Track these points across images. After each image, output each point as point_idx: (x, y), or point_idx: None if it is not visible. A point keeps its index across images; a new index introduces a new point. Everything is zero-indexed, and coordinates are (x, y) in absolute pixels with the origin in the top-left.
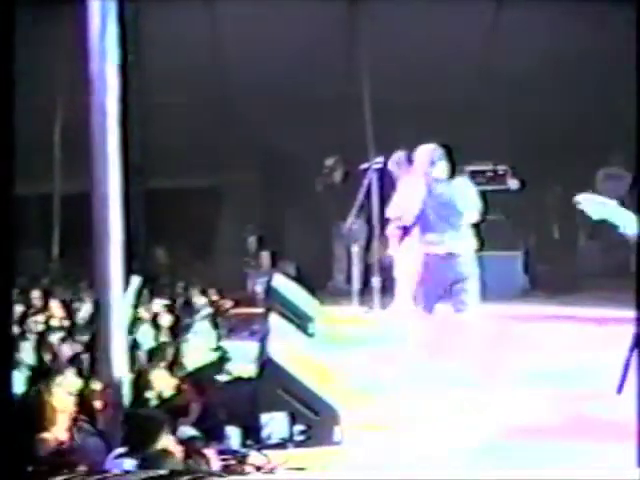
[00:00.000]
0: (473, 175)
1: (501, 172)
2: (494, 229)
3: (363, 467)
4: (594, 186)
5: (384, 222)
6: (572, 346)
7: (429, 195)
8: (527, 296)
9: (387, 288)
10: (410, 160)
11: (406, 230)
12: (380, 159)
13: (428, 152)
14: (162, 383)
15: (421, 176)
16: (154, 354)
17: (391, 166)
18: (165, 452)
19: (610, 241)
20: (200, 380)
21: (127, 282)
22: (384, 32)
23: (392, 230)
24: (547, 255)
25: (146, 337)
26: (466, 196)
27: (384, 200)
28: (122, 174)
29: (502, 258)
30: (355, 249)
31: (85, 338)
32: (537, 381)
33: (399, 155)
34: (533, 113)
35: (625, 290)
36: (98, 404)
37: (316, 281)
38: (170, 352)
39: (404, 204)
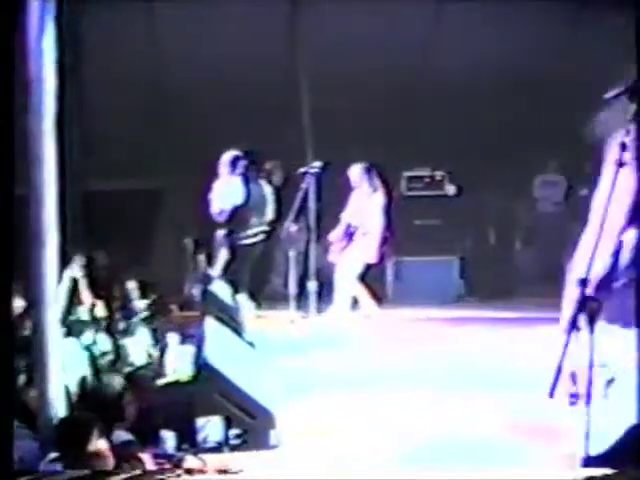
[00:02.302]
0: (411, 180)
1: (438, 178)
2: (431, 234)
3: (299, 470)
4: (531, 192)
5: (322, 227)
6: (506, 350)
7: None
8: (462, 301)
9: (324, 293)
10: (369, 171)
11: (350, 237)
12: (318, 163)
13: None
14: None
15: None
16: (94, 356)
17: (352, 175)
18: (96, 455)
19: (545, 247)
20: (136, 383)
21: (62, 284)
22: (324, 35)
23: (336, 235)
24: (483, 260)
25: (85, 339)
26: None
27: (322, 205)
28: (59, 176)
29: (438, 263)
30: (293, 253)
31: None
32: (471, 385)
33: (360, 166)
34: (471, 118)
35: (559, 295)
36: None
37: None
38: (109, 354)
39: (359, 213)
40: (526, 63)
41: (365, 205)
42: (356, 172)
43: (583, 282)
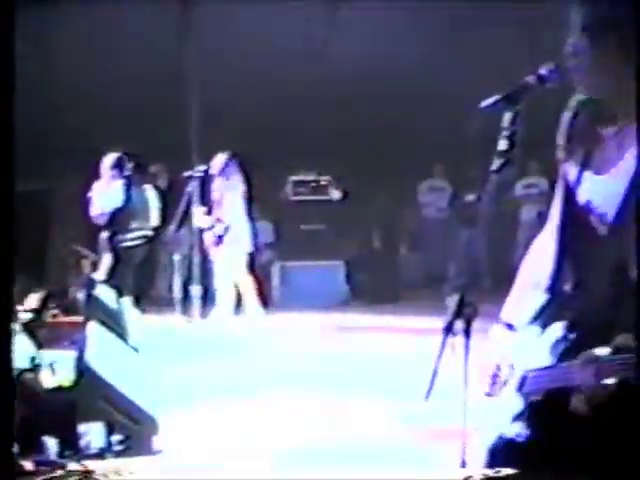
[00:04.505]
0: (296, 185)
1: (324, 182)
2: (316, 238)
3: (182, 476)
4: (416, 198)
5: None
6: (390, 355)
7: None
8: (348, 305)
9: (209, 296)
10: (230, 161)
11: (220, 238)
12: (203, 167)
13: None
14: None
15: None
16: None
17: (215, 164)
18: None
19: (429, 252)
20: (17, 389)
21: None
22: (213, 37)
23: (209, 238)
24: (368, 265)
25: None
26: None
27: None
28: None
29: (324, 267)
30: (177, 257)
31: None
32: (356, 388)
33: (224, 156)
34: (356, 124)
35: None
36: None
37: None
38: None
39: (223, 206)
40: (412, 69)
41: (227, 197)
42: (220, 161)
43: (461, 287)
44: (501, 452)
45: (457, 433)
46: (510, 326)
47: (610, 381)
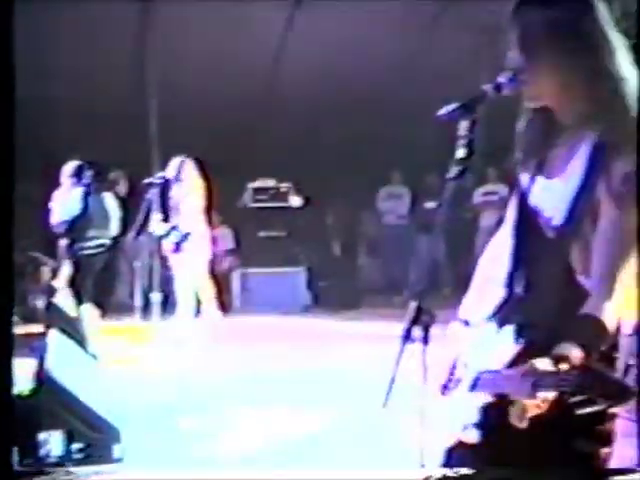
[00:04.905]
0: (256, 192)
1: (284, 189)
2: (277, 245)
3: None
4: (375, 204)
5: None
6: (350, 361)
7: None
8: (309, 312)
9: (169, 303)
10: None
11: (179, 245)
12: (163, 173)
13: None
14: None
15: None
16: None
17: (170, 167)
18: None
19: (389, 259)
20: None
21: None
22: (172, 45)
23: (168, 244)
24: (328, 272)
25: None
26: None
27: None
28: None
29: (284, 274)
30: (138, 264)
31: None
32: (315, 394)
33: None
34: (316, 131)
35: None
36: None
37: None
38: None
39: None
40: (371, 76)
41: (185, 203)
42: (175, 165)
43: (419, 294)
44: (457, 453)
45: (415, 435)
46: (467, 322)
47: (547, 394)
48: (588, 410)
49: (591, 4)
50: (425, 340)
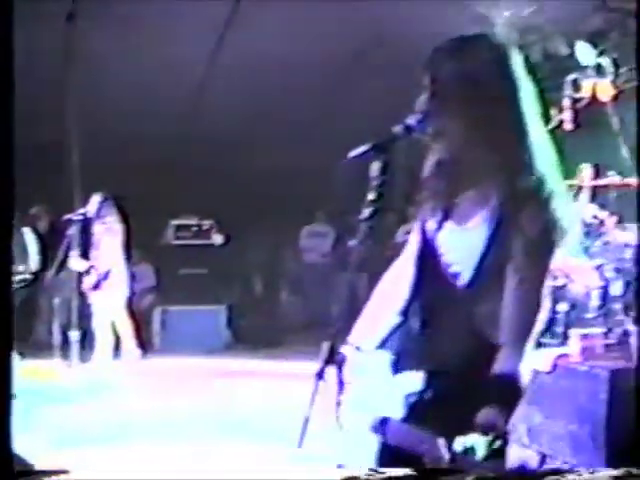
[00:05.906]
0: (178, 229)
1: (206, 227)
2: (198, 283)
3: None
4: (298, 242)
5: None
6: (268, 400)
7: None
8: (230, 350)
9: (88, 341)
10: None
11: (98, 282)
12: (83, 210)
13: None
14: None
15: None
16: None
17: (90, 206)
18: None
19: (310, 297)
20: None
21: None
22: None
23: (88, 282)
24: (249, 309)
25: None
26: None
27: (87, 251)
28: None
29: (205, 312)
30: (57, 301)
31: None
32: (233, 433)
33: (98, 196)
34: (239, 167)
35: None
36: None
37: (17, 333)
38: None
39: (100, 251)
40: (294, 114)
41: (105, 240)
42: (95, 202)
43: (333, 334)
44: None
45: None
46: (358, 348)
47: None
48: None
49: (502, 54)
50: (339, 379)
